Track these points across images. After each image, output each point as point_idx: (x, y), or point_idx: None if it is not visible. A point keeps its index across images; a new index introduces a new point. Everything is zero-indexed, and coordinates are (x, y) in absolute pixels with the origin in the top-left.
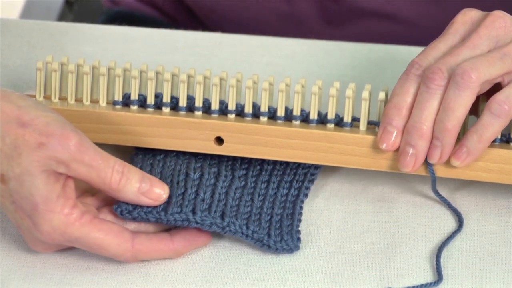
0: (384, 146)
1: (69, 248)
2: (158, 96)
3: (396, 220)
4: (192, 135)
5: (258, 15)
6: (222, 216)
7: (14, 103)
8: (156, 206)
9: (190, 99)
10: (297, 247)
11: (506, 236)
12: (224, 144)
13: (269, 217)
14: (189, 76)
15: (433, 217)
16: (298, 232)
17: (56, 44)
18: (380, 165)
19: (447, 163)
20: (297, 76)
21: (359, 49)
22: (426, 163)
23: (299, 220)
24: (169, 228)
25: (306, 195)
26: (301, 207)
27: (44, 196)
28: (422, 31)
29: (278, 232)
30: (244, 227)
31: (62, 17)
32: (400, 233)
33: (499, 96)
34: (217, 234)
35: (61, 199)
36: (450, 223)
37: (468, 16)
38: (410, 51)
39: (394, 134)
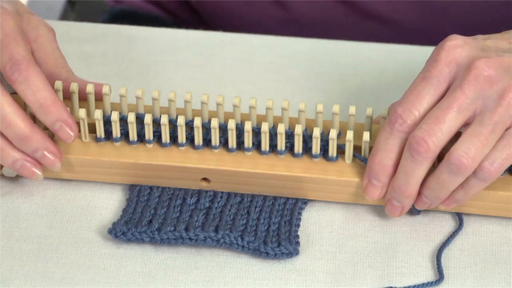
0: (369, 197)
1: (69, 247)
2: (138, 117)
3: (398, 219)
4: (179, 176)
5: (262, 15)
6: (216, 230)
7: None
8: (150, 226)
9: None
10: (296, 251)
11: (507, 235)
12: (211, 183)
13: (266, 227)
14: (171, 99)
15: (434, 216)
16: (297, 237)
17: (58, 43)
18: (368, 201)
19: None
20: (299, 76)
21: (360, 48)
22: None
23: (298, 226)
24: None
25: (305, 203)
26: (299, 213)
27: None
28: (425, 37)
29: (275, 239)
30: (239, 239)
31: (64, 16)
32: (401, 232)
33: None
34: None
35: None
36: (451, 222)
37: (452, 55)
38: (411, 50)
39: (380, 189)
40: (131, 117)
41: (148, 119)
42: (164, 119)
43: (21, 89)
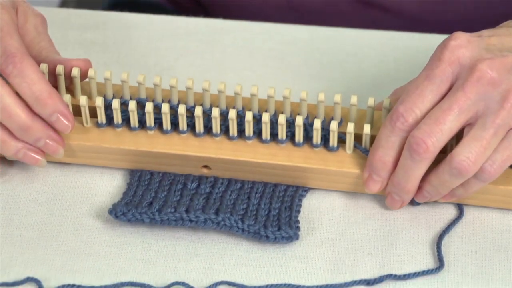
0: (369, 191)
1: (69, 235)
2: (139, 102)
3: None
4: (179, 163)
5: (262, 3)
6: (217, 213)
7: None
8: (151, 207)
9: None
10: (296, 235)
11: (507, 223)
12: (212, 170)
13: (266, 212)
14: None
15: (434, 204)
16: (297, 222)
17: (57, 30)
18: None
19: None
20: (299, 63)
21: (361, 36)
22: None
23: (298, 212)
24: None
25: (305, 190)
26: (299, 200)
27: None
28: (426, 25)
29: (275, 223)
30: (240, 222)
31: (64, 4)
32: (401, 219)
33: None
34: None
35: None
36: (451, 210)
37: (455, 55)
38: (412, 38)
39: (380, 183)
40: (132, 105)
41: (149, 107)
42: (165, 108)
43: (16, 82)
